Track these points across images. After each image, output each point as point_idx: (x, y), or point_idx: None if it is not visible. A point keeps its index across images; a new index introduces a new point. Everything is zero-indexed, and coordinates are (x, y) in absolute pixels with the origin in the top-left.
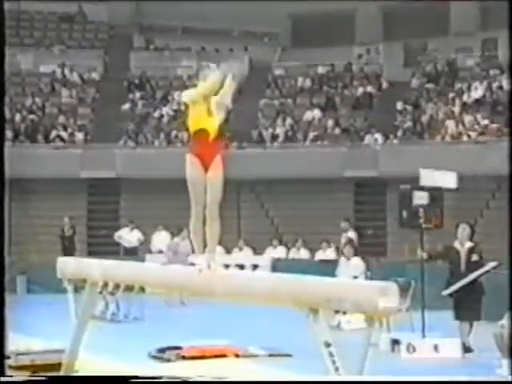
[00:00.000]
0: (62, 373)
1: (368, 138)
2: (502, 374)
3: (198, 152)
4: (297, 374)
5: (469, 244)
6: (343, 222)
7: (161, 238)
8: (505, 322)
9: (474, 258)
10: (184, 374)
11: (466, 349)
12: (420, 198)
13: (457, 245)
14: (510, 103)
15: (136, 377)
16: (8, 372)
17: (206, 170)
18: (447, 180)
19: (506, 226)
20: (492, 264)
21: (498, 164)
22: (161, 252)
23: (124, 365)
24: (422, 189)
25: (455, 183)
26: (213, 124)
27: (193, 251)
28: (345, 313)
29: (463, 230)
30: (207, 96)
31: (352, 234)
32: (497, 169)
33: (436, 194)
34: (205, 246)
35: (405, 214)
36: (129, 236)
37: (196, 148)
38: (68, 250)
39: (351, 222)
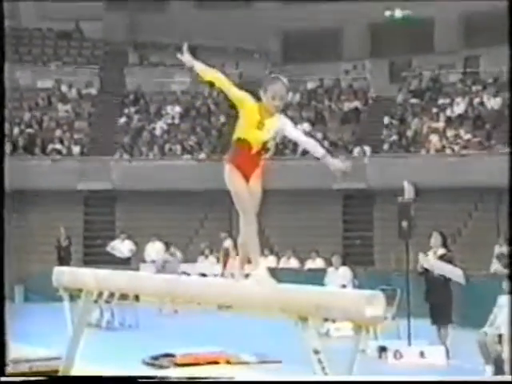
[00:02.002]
0: None
1: (356, 152)
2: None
3: (238, 163)
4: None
5: (441, 251)
6: (222, 233)
7: (154, 249)
8: (487, 329)
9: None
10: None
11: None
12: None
13: (430, 253)
14: (511, 116)
15: (137, 377)
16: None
17: (247, 180)
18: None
19: (488, 236)
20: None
21: (481, 176)
22: (154, 262)
23: (118, 371)
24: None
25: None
26: (259, 138)
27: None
28: (334, 321)
29: (435, 238)
30: (266, 111)
31: (228, 243)
32: (479, 181)
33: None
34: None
35: (404, 224)
36: (120, 247)
37: (236, 159)
38: (64, 260)
39: (230, 233)
